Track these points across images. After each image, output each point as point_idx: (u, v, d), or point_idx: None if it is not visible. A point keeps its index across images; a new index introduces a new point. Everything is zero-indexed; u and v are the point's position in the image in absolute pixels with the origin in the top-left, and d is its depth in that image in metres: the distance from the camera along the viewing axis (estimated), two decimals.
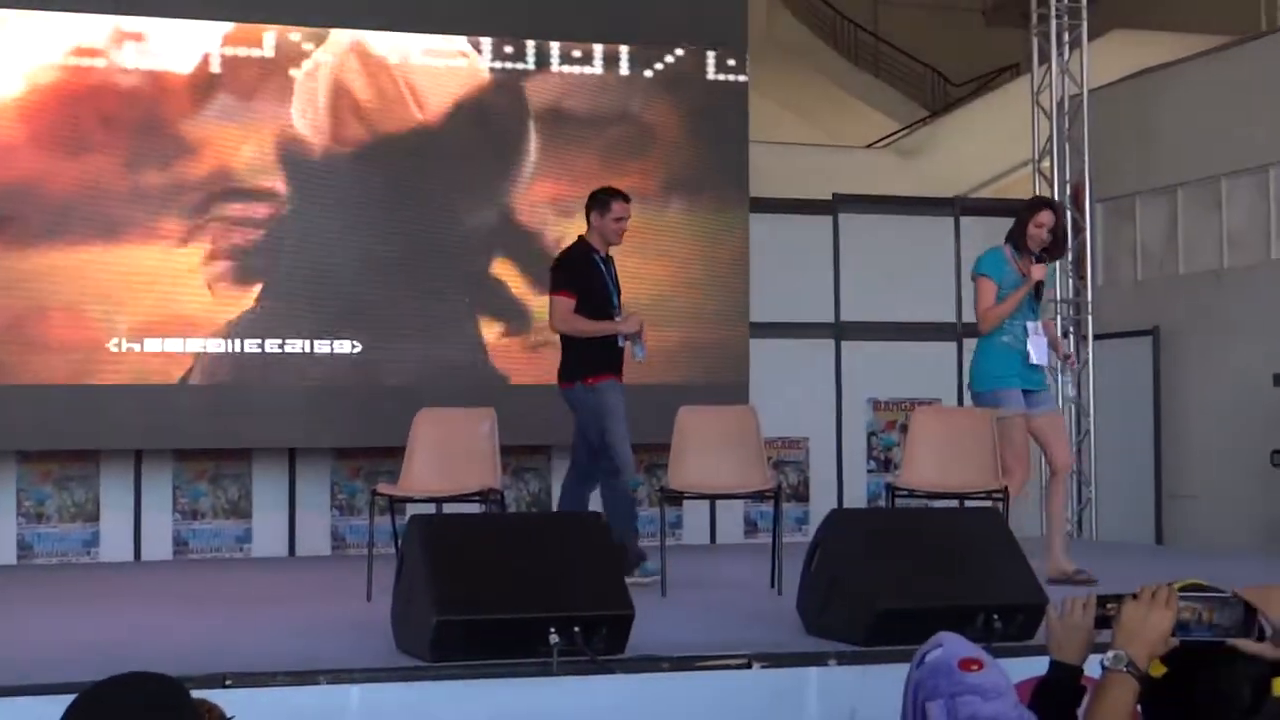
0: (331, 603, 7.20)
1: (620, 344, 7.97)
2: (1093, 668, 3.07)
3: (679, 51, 10.95)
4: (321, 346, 10.04)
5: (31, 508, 9.89)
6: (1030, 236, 7.91)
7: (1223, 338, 11.34)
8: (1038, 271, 7.94)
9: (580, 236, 8.14)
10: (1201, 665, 2.89)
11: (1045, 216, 7.95)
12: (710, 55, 11.02)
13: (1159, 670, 2.94)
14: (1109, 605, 3.08)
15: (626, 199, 8.10)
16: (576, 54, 10.74)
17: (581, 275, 7.98)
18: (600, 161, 10.67)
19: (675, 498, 7.95)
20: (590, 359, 7.95)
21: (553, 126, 10.71)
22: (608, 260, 8.08)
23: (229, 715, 2.62)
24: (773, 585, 7.57)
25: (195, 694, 2.54)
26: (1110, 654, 2.94)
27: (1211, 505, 11.31)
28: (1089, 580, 7.62)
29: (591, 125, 10.78)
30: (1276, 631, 2.89)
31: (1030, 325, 8.01)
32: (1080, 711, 3.09)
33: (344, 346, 10.09)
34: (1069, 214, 12.08)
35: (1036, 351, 7.97)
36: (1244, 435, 10.94)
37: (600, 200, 8.06)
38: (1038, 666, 4.36)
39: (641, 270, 10.30)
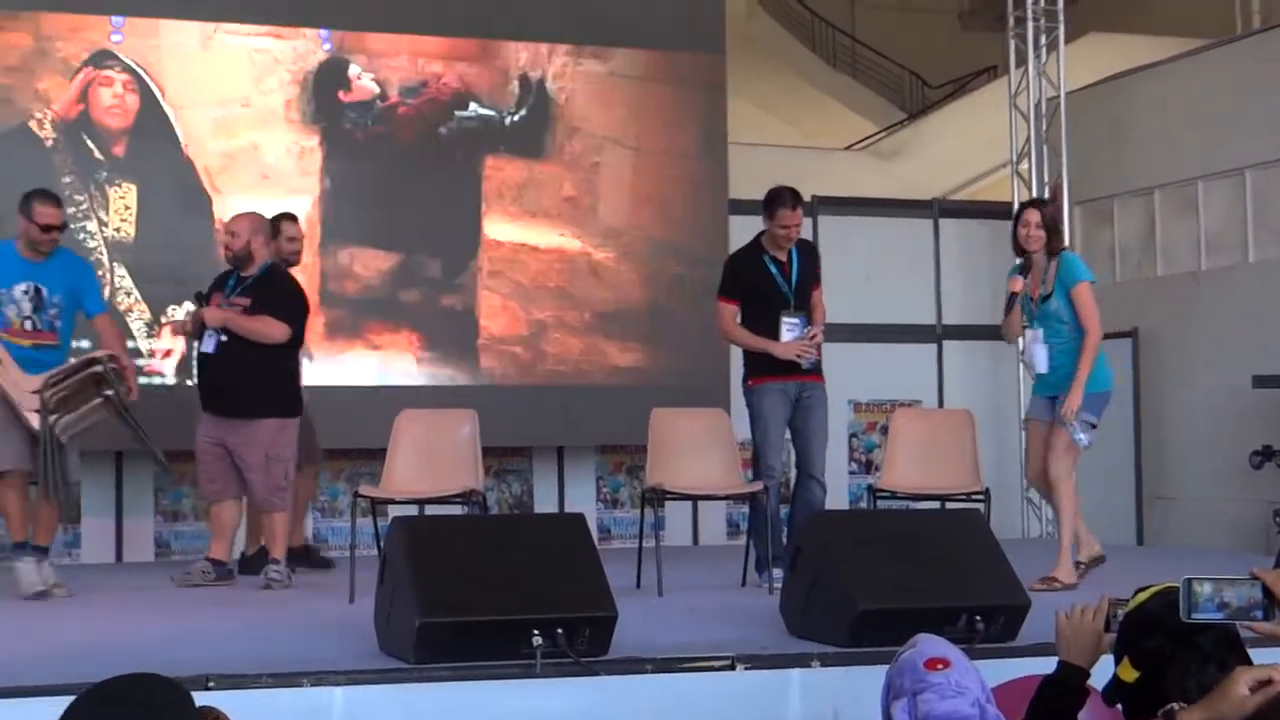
0: (314, 604, 7.19)
1: (789, 332, 7.90)
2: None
3: (656, 52, 10.95)
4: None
5: None
6: (1020, 239, 7.86)
7: (1201, 339, 11.38)
8: (1015, 284, 7.85)
9: (757, 235, 8.11)
10: (1169, 663, 2.90)
11: (1028, 216, 7.90)
12: (688, 56, 11.03)
13: (1131, 675, 2.95)
14: (1119, 610, 3.10)
15: (793, 205, 7.92)
16: (554, 56, 10.74)
17: (742, 279, 7.98)
18: (575, 164, 10.70)
19: (657, 499, 7.94)
20: (753, 360, 8.01)
21: (530, 129, 10.70)
22: (789, 259, 7.96)
23: None
24: (745, 584, 7.62)
25: None
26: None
27: (1191, 506, 11.35)
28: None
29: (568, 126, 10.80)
30: None
31: (1029, 333, 8.01)
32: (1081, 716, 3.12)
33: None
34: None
35: (1035, 359, 7.93)
36: (1223, 436, 10.98)
37: (768, 203, 7.99)
38: (1021, 668, 4.41)
39: (621, 272, 10.32)
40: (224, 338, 7.86)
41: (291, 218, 8.81)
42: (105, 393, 7.34)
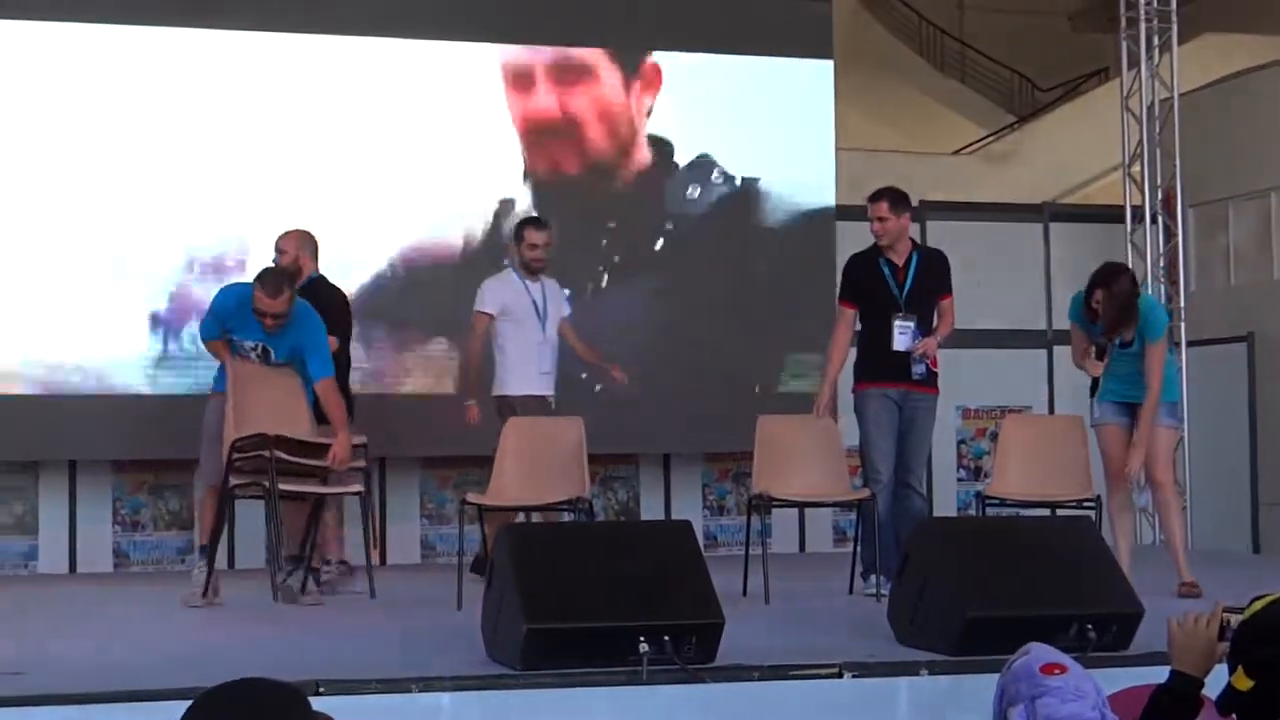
0: (422, 611, 7.24)
1: (903, 349, 7.84)
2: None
3: (766, 59, 10.92)
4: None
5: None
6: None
7: None
8: (1094, 369, 7.92)
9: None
10: None
11: (1098, 296, 7.84)
12: (798, 64, 11.00)
13: (1246, 684, 2.90)
14: (1234, 619, 3.05)
15: (878, 198, 7.93)
16: (666, 63, 10.75)
17: (856, 281, 8.00)
18: None
19: (764, 506, 7.91)
20: (859, 365, 8.04)
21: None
22: (907, 263, 7.91)
23: None
24: (852, 591, 7.56)
25: None
26: None
27: None
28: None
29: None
30: None
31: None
32: None
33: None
34: (1160, 219, 11.97)
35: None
36: None
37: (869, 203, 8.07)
38: (1134, 677, 4.34)
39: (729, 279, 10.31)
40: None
41: (538, 223, 8.80)
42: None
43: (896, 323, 7.85)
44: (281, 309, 7.47)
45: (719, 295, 10.61)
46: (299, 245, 8.20)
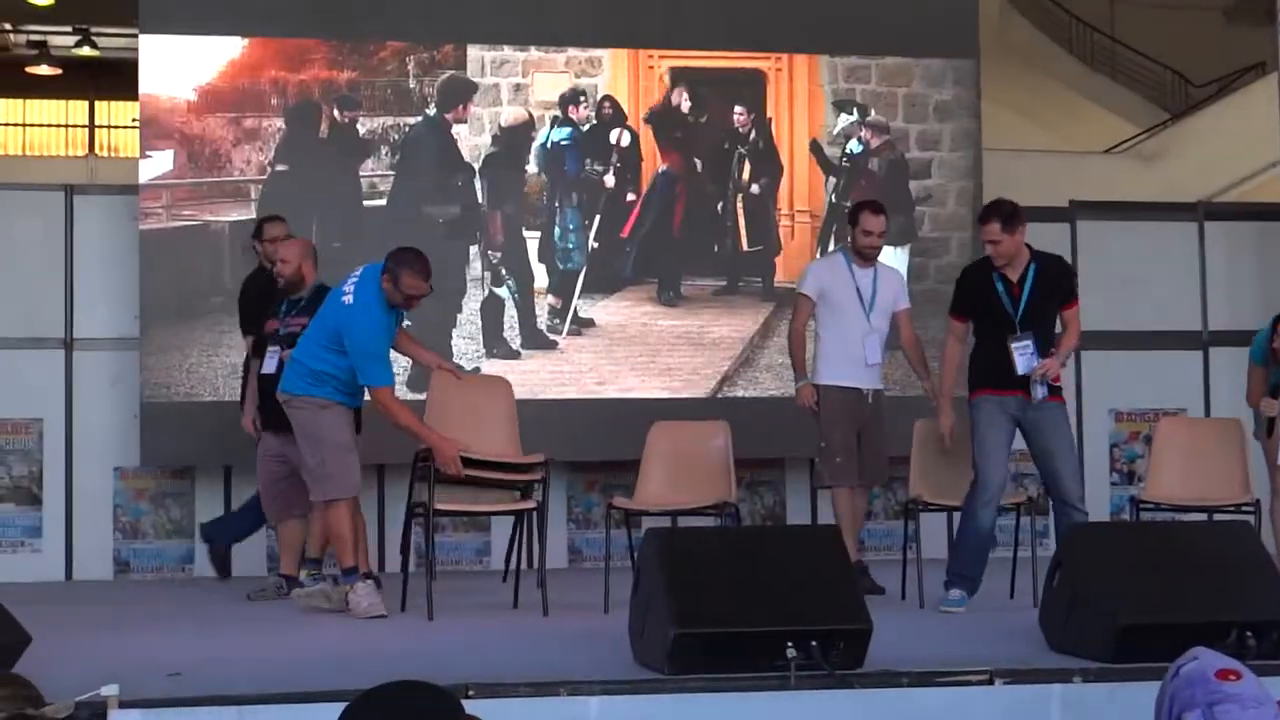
0: (569, 615, 7.28)
1: (1025, 372, 7.34)
2: None
3: (911, 60, 10.85)
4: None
5: None
6: None
7: None
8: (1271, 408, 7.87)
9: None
10: None
11: None
12: (943, 63, 10.91)
13: None
14: None
15: (988, 218, 7.44)
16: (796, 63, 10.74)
17: (968, 296, 7.60)
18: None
19: (917, 510, 7.86)
20: (971, 371, 7.59)
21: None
22: (1023, 277, 7.43)
23: None
24: (1011, 597, 7.45)
25: None
26: None
27: None
28: None
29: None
30: None
31: None
32: None
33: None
34: None
35: None
36: None
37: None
38: None
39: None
40: (285, 355, 7.85)
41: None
42: None
43: (1014, 345, 7.34)
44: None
45: None
46: (300, 255, 8.13)
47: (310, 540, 8.08)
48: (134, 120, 12.81)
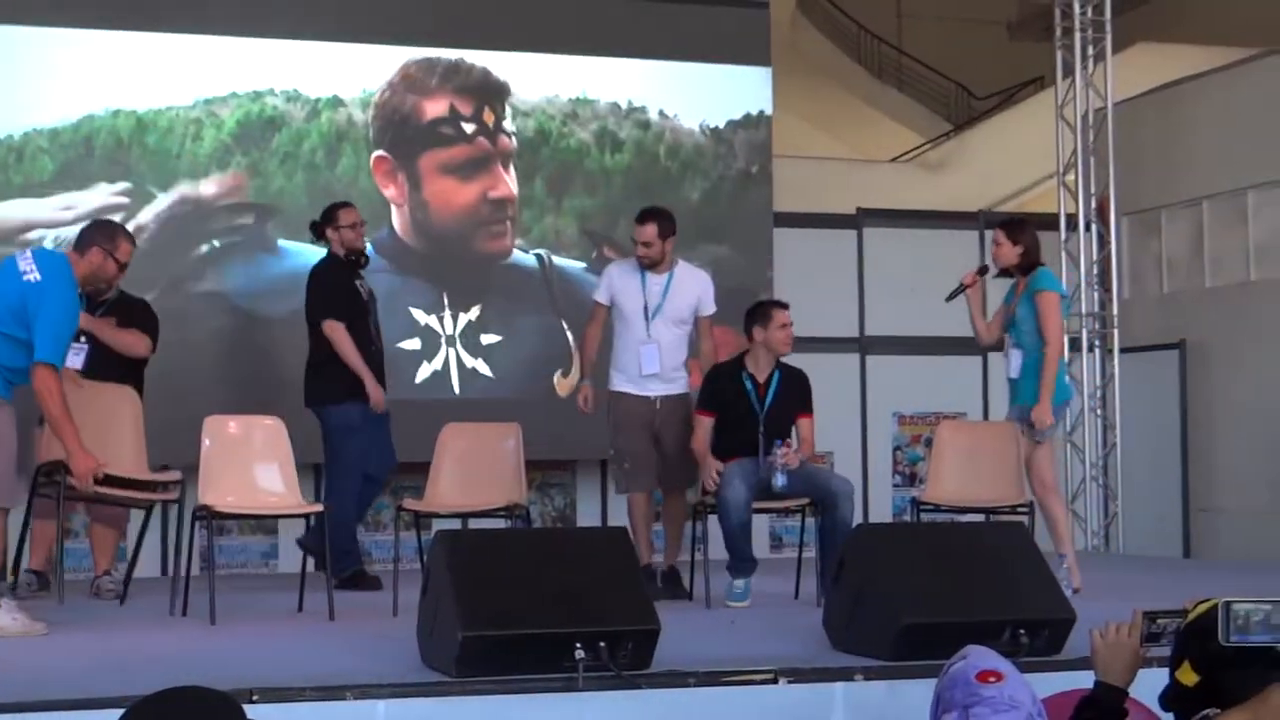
0: (357, 618, 7.20)
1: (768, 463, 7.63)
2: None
3: (703, 66, 10.95)
4: None
5: None
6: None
7: (1250, 350, 11.30)
8: (966, 277, 8.38)
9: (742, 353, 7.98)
10: (1228, 668, 2.89)
11: (996, 235, 8.27)
12: (735, 70, 11.03)
13: (1192, 679, 2.93)
14: (1159, 621, 3.07)
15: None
16: (597, 71, 10.75)
17: (717, 392, 7.84)
18: (623, 183, 10.72)
19: (705, 513, 7.92)
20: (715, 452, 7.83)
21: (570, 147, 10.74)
22: (768, 382, 7.83)
23: None
24: (796, 597, 7.56)
25: None
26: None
27: (1238, 519, 11.26)
28: None
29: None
30: None
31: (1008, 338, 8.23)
32: None
33: None
34: (1094, 227, 12.08)
35: (1009, 365, 8.18)
36: (1272, 448, 10.89)
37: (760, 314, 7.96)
38: (1067, 681, 4.37)
39: None
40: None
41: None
42: None
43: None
44: None
45: None
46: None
47: None
48: None
